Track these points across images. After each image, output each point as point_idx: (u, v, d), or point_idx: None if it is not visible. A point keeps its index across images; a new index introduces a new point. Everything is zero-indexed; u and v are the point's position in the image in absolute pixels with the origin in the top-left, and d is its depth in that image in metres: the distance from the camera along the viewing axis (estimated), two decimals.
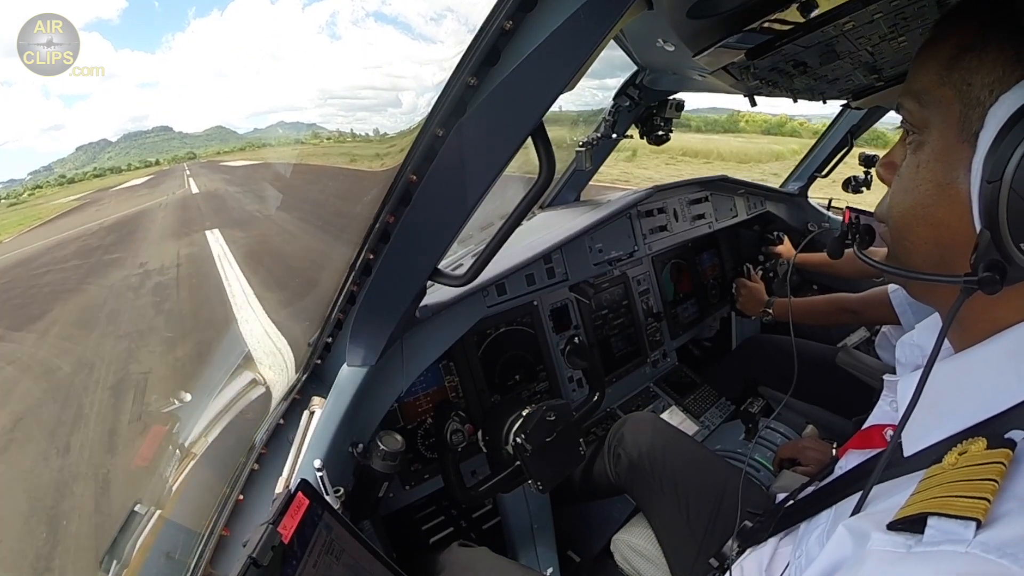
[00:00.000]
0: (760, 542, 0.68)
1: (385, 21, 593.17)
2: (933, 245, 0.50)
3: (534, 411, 1.13)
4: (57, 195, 32.11)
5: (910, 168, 0.51)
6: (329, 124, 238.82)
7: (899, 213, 0.52)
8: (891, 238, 0.55)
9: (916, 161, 0.50)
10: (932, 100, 0.49)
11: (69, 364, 4.61)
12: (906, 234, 0.52)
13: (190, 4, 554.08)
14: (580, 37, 0.52)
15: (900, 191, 0.52)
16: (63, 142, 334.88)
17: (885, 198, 0.57)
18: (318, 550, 0.65)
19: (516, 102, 0.59)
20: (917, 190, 0.50)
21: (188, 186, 22.23)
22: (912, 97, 0.51)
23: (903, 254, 0.54)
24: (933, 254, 0.50)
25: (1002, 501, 0.36)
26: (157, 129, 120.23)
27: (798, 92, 1.29)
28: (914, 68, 0.52)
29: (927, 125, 0.50)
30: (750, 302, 1.83)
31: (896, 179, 0.54)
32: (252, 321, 4.06)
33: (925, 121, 0.50)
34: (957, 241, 0.47)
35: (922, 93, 0.50)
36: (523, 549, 1.34)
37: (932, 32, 0.51)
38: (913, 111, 0.51)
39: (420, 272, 0.83)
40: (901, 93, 0.53)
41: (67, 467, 3.11)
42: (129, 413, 3.48)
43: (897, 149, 0.56)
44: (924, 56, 0.51)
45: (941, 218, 0.48)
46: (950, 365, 0.51)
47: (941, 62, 0.49)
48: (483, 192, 0.67)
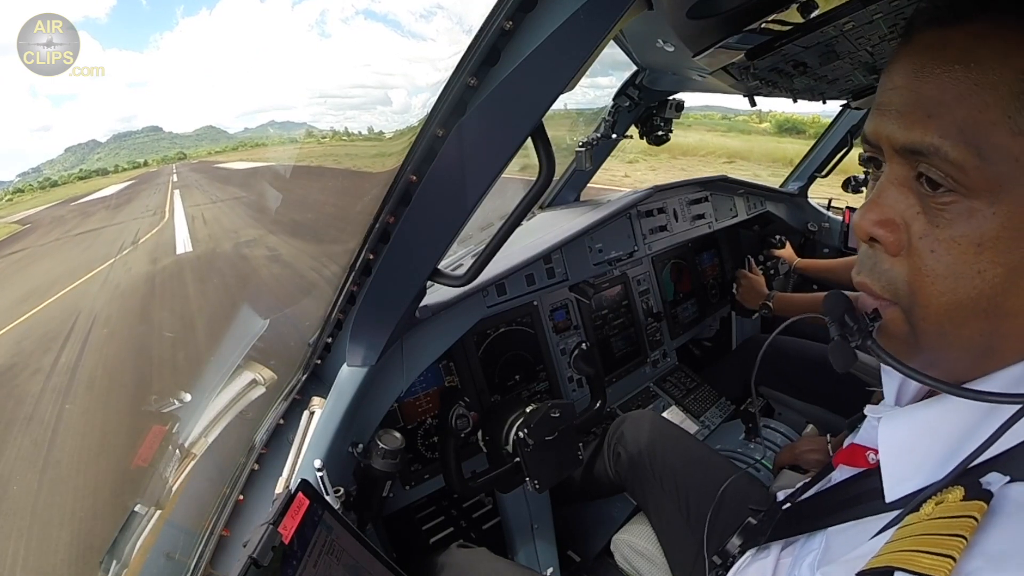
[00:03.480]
0: (760, 544, 0.68)
1: (374, 18, 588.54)
2: (987, 337, 0.41)
3: (539, 407, 1.13)
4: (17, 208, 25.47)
5: (961, 246, 0.38)
6: (319, 123, 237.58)
7: (944, 306, 0.40)
8: (919, 328, 0.43)
9: (968, 235, 0.38)
10: (1003, 154, 0.36)
11: None
12: (951, 329, 0.41)
13: (178, 3, 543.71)
14: (580, 37, 0.52)
15: (942, 276, 0.40)
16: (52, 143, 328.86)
17: (889, 270, 0.43)
18: (318, 550, 0.65)
19: (516, 102, 0.59)
20: (979, 277, 0.38)
21: (169, 206, 12.15)
22: (964, 145, 0.37)
23: (934, 347, 0.43)
24: (981, 345, 0.41)
25: (969, 559, 0.34)
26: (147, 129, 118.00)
27: (798, 92, 1.29)
28: (945, 98, 0.38)
29: (992, 187, 0.37)
30: (750, 294, 1.82)
31: (924, 254, 0.40)
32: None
33: (988, 182, 0.37)
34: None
35: (983, 143, 0.36)
36: (523, 549, 1.34)
37: (967, 38, 0.38)
38: (966, 165, 0.37)
39: (420, 272, 0.83)
40: (920, 131, 0.39)
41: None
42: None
43: (894, 199, 0.42)
44: (961, 80, 0.37)
45: (1011, 308, 0.39)
46: (929, 410, 0.46)
47: (1006, 94, 0.36)
48: (483, 192, 0.67)
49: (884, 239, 0.43)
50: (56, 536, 2.35)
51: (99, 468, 2.72)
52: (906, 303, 0.43)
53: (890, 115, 0.42)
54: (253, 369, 1.20)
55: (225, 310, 4.78)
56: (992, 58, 0.37)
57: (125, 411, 3.19)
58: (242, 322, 3.18)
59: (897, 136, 0.41)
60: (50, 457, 3.03)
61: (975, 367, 0.43)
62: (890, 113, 0.42)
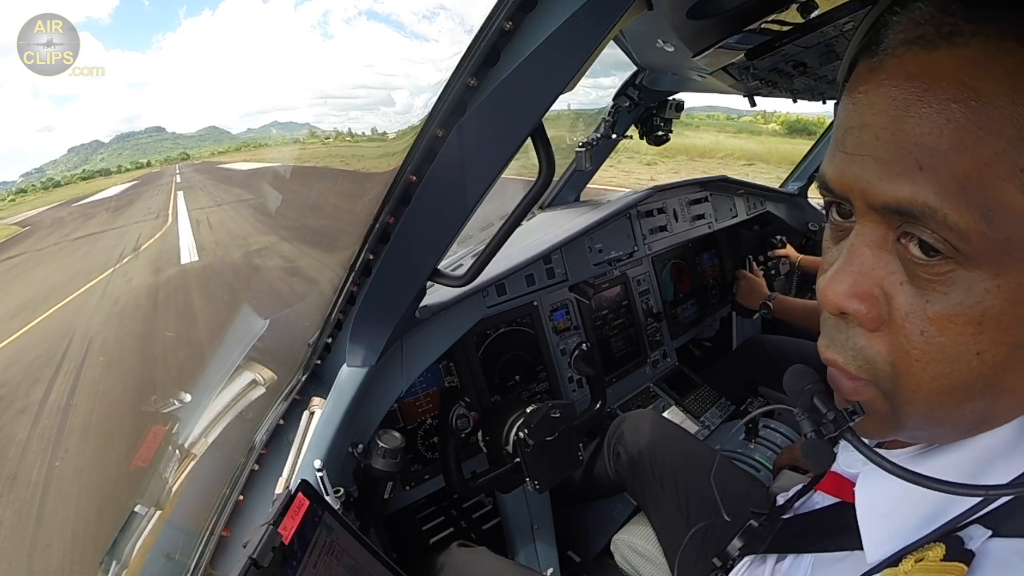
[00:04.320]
0: (759, 551, 0.67)
1: (377, 19, 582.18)
2: (981, 414, 0.36)
3: (539, 407, 1.13)
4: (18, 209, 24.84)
5: (957, 325, 0.32)
6: (323, 124, 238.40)
7: (935, 391, 0.35)
8: (902, 410, 0.37)
9: (966, 312, 0.32)
10: (1013, 216, 0.29)
11: None
12: (941, 412, 0.36)
13: (181, 3, 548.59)
14: (580, 37, 0.52)
15: (935, 360, 0.34)
16: (55, 143, 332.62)
17: (866, 347, 0.37)
18: (318, 551, 0.65)
19: (516, 102, 0.59)
20: (977, 359, 0.32)
21: (172, 209, 11.96)
22: (967, 207, 0.30)
23: (919, 426, 0.38)
24: (973, 422, 0.37)
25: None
26: (150, 130, 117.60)
27: (798, 92, 1.29)
28: (941, 145, 0.30)
29: (997, 255, 0.30)
30: (750, 295, 1.82)
31: (911, 335, 0.34)
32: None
33: (993, 249, 0.30)
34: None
35: (990, 203, 0.29)
36: (523, 549, 1.34)
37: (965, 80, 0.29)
38: (971, 232, 0.30)
39: (420, 272, 0.83)
40: (909, 186, 0.31)
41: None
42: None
43: (870, 264, 0.35)
44: (961, 123, 0.29)
45: (1010, 385, 0.34)
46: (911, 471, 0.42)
47: (1015, 140, 0.28)
48: (483, 192, 0.67)
49: (860, 315, 0.36)
50: None
51: (97, 548, 2.17)
52: (887, 385, 0.37)
53: (864, 162, 0.33)
54: (253, 369, 1.20)
55: (259, 355, 4.17)
56: (997, 93, 0.29)
57: (126, 471, 2.57)
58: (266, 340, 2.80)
59: (877, 191, 0.33)
60: (38, 538, 2.47)
61: (963, 437, 0.39)
62: (863, 159, 0.33)
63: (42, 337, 5.06)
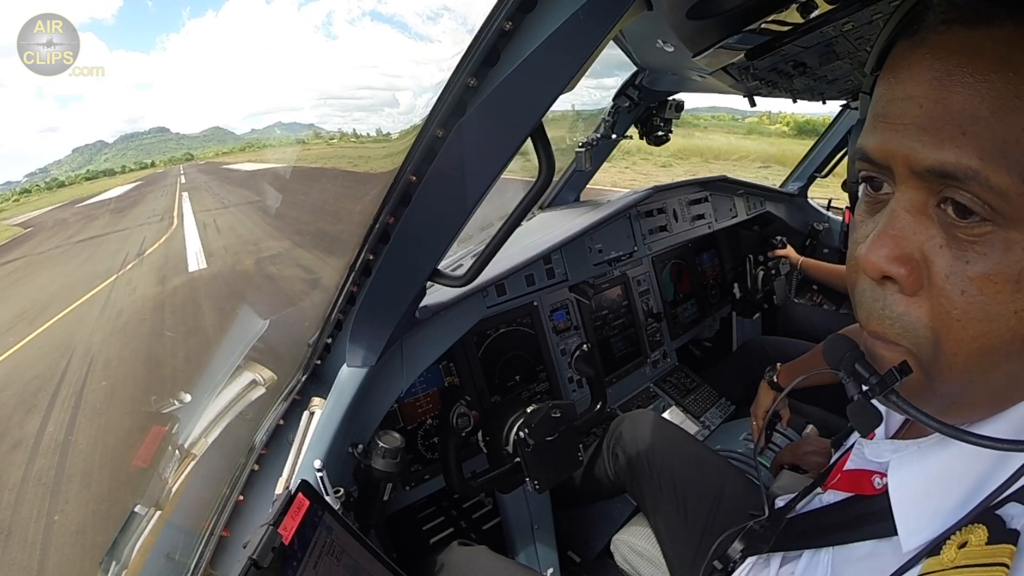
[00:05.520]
0: (762, 552, 0.67)
1: (381, 20, 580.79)
2: (1013, 377, 0.37)
3: (540, 407, 1.13)
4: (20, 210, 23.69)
5: (996, 284, 0.34)
6: (327, 124, 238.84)
7: (974, 352, 0.36)
8: (939, 376, 0.38)
9: (1005, 271, 0.33)
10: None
11: None
12: (978, 374, 0.37)
13: (185, 4, 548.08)
14: (580, 38, 0.52)
15: (975, 319, 0.35)
16: (59, 144, 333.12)
17: (904, 313, 0.38)
18: (318, 551, 0.65)
19: (516, 103, 0.59)
20: (1015, 318, 0.34)
21: (177, 211, 11.12)
22: (1007, 169, 0.32)
23: (954, 392, 0.39)
24: (1005, 386, 0.38)
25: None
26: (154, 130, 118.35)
27: (798, 92, 1.30)
28: (982, 112, 0.32)
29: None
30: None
31: (952, 295, 0.35)
32: None
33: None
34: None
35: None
36: (523, 549, 1.34)
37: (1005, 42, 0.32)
38: (1010, 192, 0.32)
39: (420, 272, 0.83)
40: (953, 151, 0.33)
41: None
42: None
43: (911, 229, 0.37)
44: (1000, 91, 0.32)
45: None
46: (944, 452, 0.43)
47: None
48: (483, 193, 0.67)
49: (901, 278, 0.37)
50: None
51: None
52: (927, 351, 0.37)
53: (907, 130, 0.35)
54: (253, 369, 1.20)
55: (259, 355, 3.92)
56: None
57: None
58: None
59: (921, 156, 0.35)
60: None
61: (993, 406, 0.40)
62: (906, 128, 0.35)
63: (39, 354, 4.59)
